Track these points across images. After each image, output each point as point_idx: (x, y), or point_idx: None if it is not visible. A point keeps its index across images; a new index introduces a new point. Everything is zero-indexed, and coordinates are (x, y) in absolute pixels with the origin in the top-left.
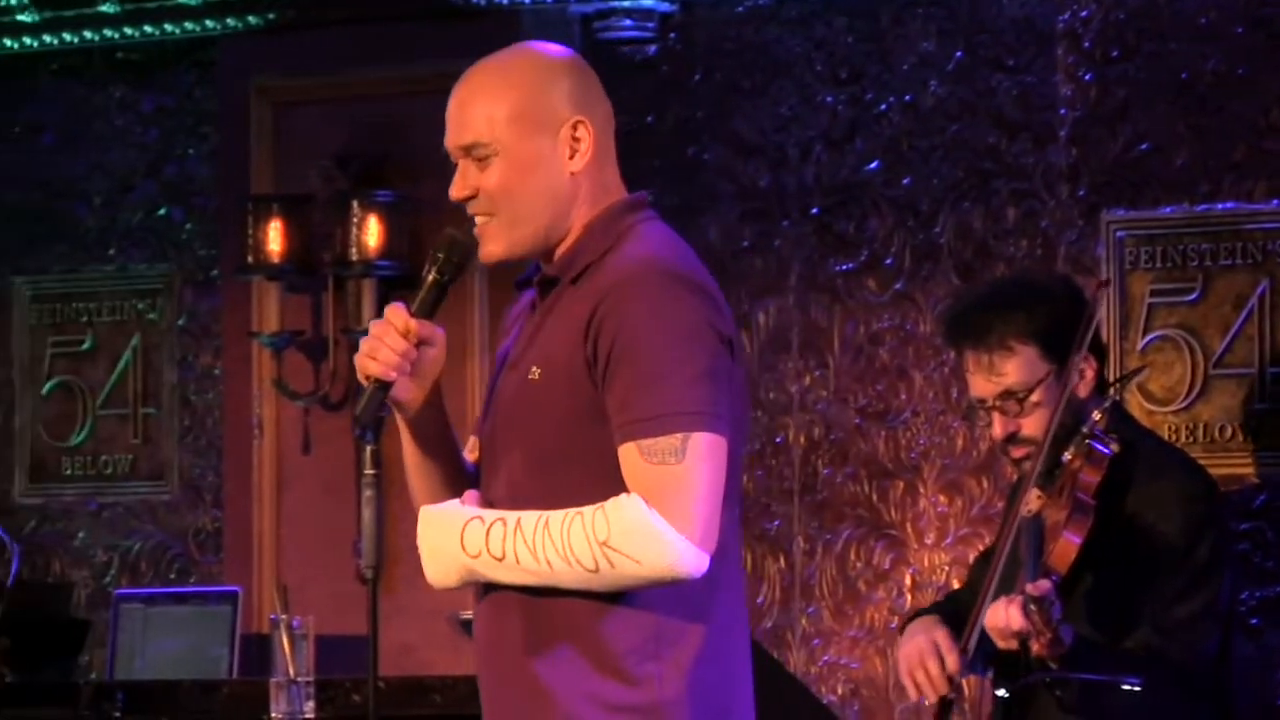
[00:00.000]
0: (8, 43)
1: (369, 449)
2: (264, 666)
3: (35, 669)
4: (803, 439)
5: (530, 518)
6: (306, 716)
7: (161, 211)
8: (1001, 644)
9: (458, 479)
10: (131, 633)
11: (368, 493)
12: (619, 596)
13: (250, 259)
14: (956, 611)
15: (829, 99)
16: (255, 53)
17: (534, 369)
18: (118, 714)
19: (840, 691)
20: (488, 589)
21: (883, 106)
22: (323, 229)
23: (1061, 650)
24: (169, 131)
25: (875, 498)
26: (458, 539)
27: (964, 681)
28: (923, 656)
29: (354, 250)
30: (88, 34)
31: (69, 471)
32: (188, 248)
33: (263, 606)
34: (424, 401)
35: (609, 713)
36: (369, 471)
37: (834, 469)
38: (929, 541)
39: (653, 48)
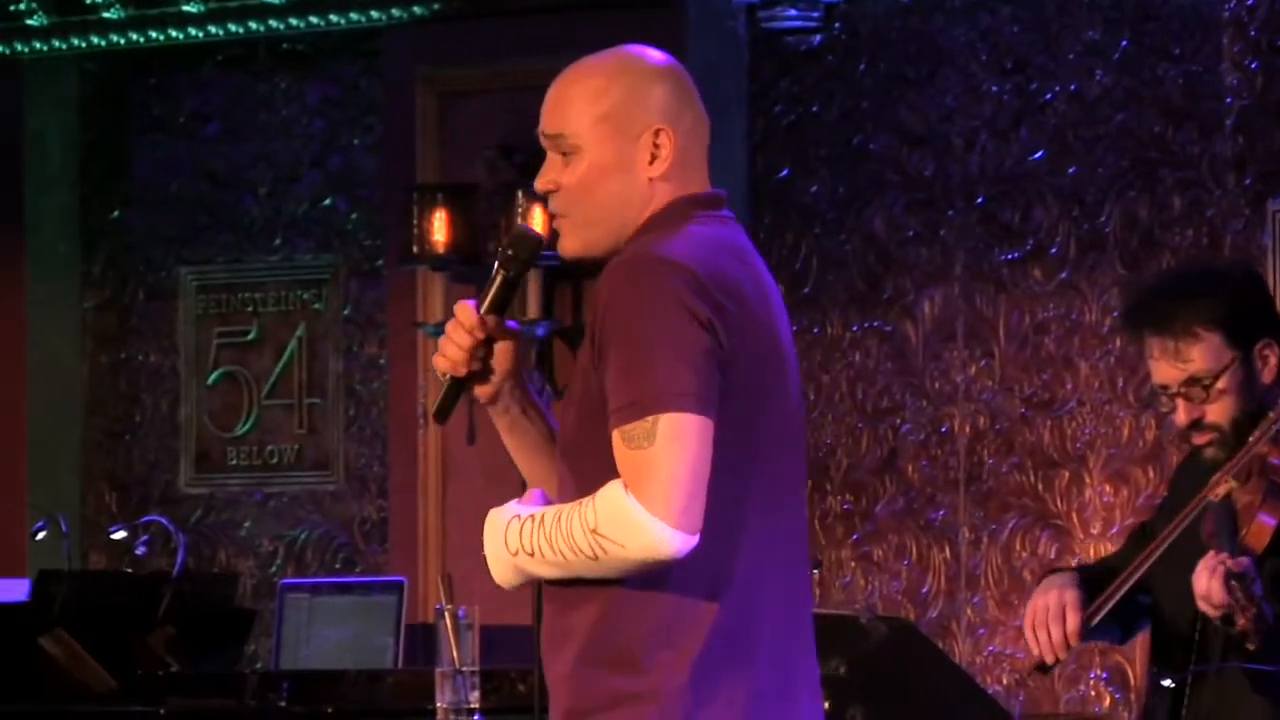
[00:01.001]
0: (174, 34)
1: None
2: (429, 656)
3: (201, 659)
4: (968, 429)
5: (550, 512)
6: (471, 706)
7: (327, 202)
8: (1211, 614)
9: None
10: (296, 622)
11: None
12: (631, 586)
13: (415, 249)
14: (1099, 577)
15: (994, 88)
16: (420, 43)
17: (579, 363)
18: (282, 703)
19: (1005, 681)
20: (545, 587)
21: (1048, 96)
22: (487, 219)
23: (1265, 626)
24: (334, 122)
25: (1040, 487)
26: (502, 538)
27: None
28: (1049, 615)
29: None
30: (253, 25)
31: (234, 461)
32: (353, 238)
33: (428, 596)
34: (504, 394)
35: (613, 701)
36: None
37: (999, 459)
38: (1094, 531)
39: (818, 37)
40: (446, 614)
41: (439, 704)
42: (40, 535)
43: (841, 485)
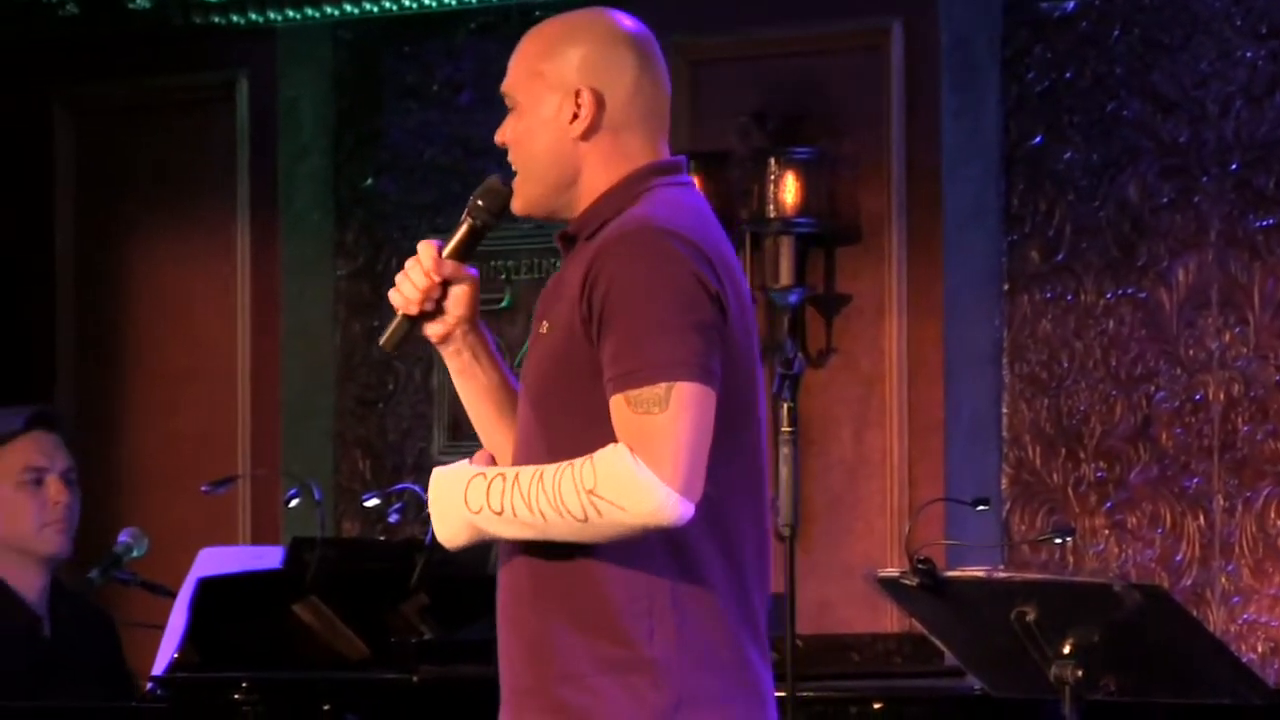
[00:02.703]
0: (428, 1)
1: (786, 407)
2: None
3: (454, 626)
4: (1222, 396)
5: (527, 471)
6: None
7: None
8: None
9: (510, 422)
10: None
11: (785, 450)
12: (615, 553)
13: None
14: None
15: (1249, 54)
16: (672, 10)
17: (544, 324)
18: None
19: (1260, 650)
20: (503, 547)
21: None
22: (740, 186)
23: None
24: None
25: None
26: (462, 496)
27: None
28: None
29: (771, 207)
30: None
31: None
32: None
33: None
34: (455, 338)
35: (604, 668)
36: (786, 429)
37: (1254, 426)
38: None
39: (1071, 4)
40: None
41: None
42: (294, 503)
43: (1095, 453)
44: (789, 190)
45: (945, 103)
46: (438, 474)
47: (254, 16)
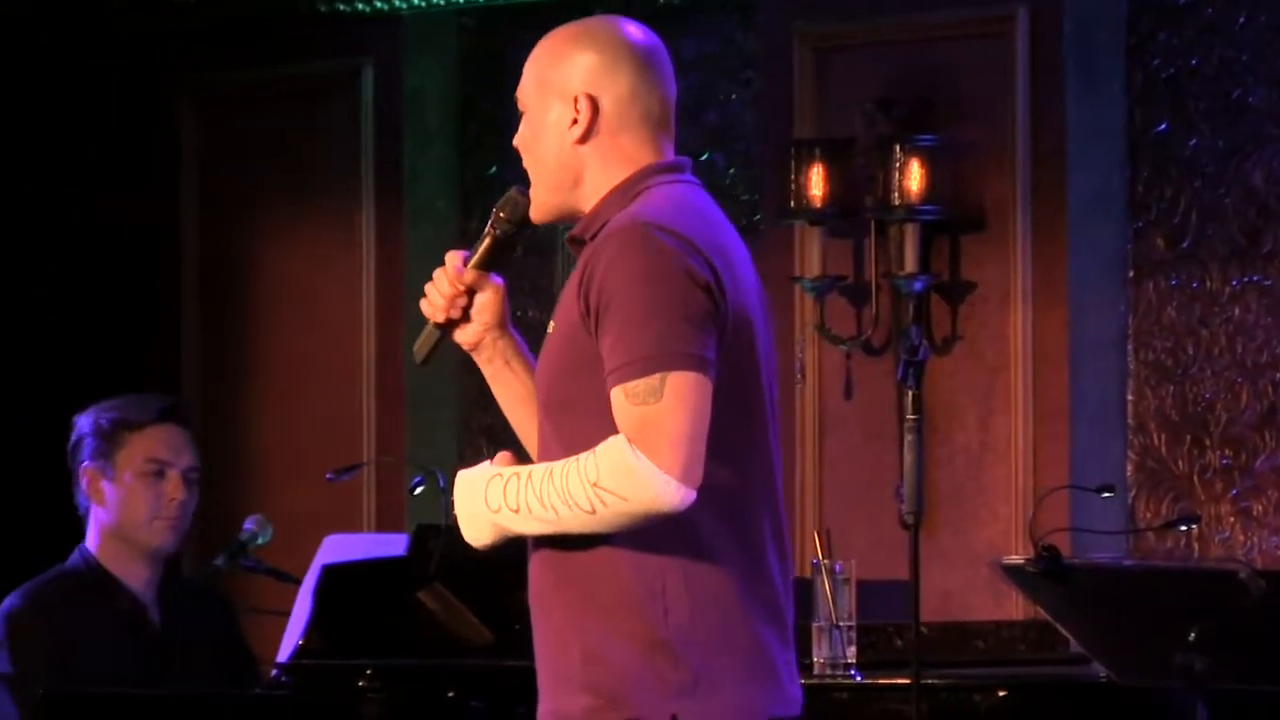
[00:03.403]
0: None
1: (910, 394)
2: (806, 610)
3: None
4: None
5: (539, 469)
6: (848, 661)
7: (704, 157)
8: None
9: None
10: None
11: (909, 437)
12: (628, 539)
13: (792, 204)
14: None
15: None
16: None
17: (552, 324)
18: None
19: None
20: (529, 543)
21: None
22: (865, 173)
23: None
24: (711, 77)
25: None
26: (482, 497)
27: None
28: None
29: (896, 194)
30: None
31: None
32: (730, 193)
33: (804, 551)
34: (486, 345)
35: (627, 649)
36: (910, 417)
37: None
38: None
39: None
40: (823, 569)
41: (815, 658)
42: (418, 490)
43: (1221, 440)
44: (914, 177)
45: (1070, 89)
46: (461, 476)
47: (379, 4)
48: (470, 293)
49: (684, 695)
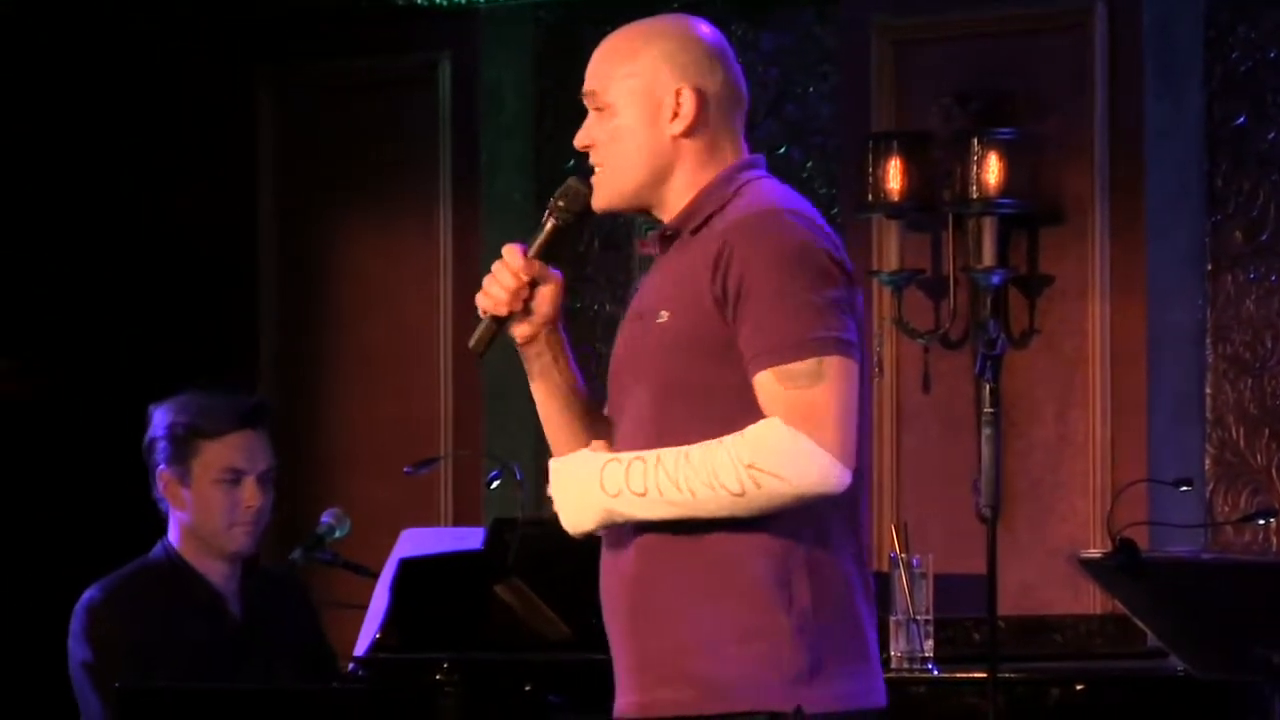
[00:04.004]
0: None
1: (988, 388)
2: (883, 604)
3: None
4: None
5: (669, 452)
6: (925, 655)
7: (781, 150)
8: None
9: (587, 422)
10: None
11: (987, 431)
12: (751, 526)
13: (870, 197)
14: None
15: None
16: None
17: (662, 313)
18: None
19: None
20: (618, 531)
21: None
22: (943, 166)
23: None
24: (789, 70)
25: None
26: (597, 482)
27: None
28: None
29: (974, 188)
30: None
31: None
32: (808, 186)
33: (882, 544)
34: (539, 339)
35: (741, 637)
36: (988, 410)
37: None
38: None
39: None
40: (900, 562)
41: (893, 652)
42: (495, 484)
43: None
44: (992, 171)
45: (1148, 83)
46: (560, 463)
47: None
48: (532, 285)
49: (803, 684)
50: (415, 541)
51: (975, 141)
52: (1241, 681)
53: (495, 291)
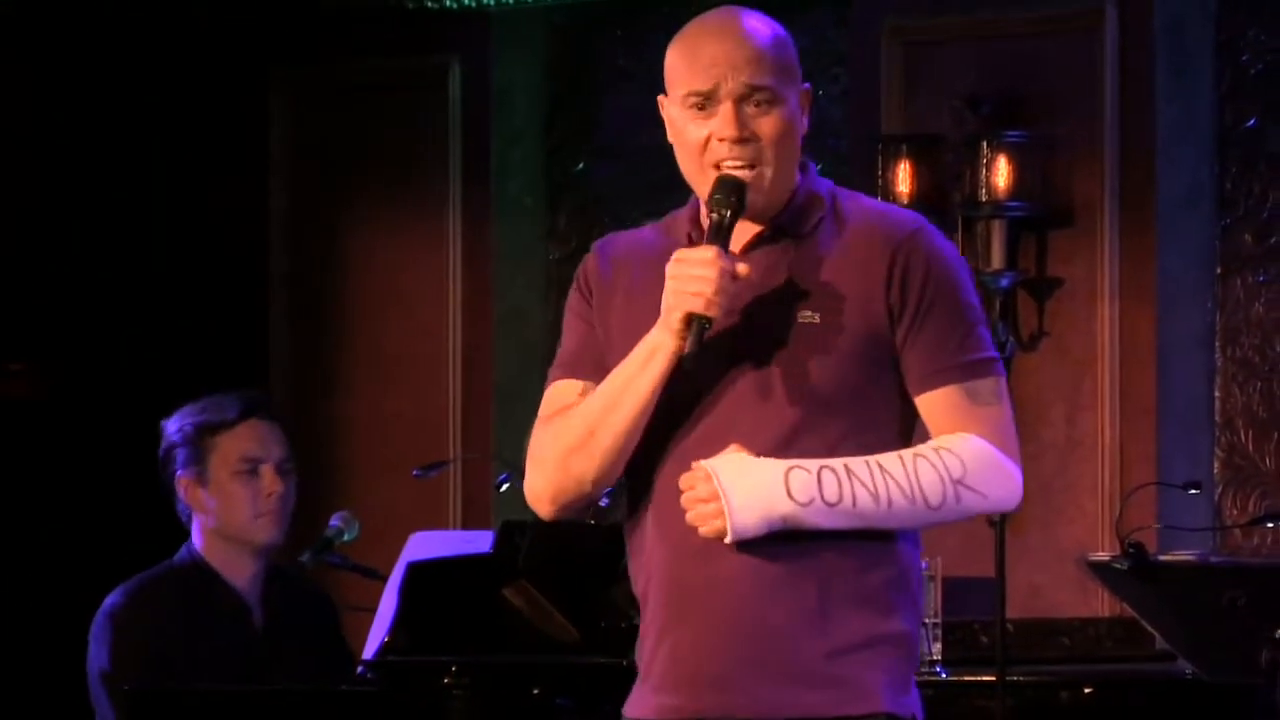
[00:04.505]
0: None
1: None
2: None
3: None
4: None
5: (857, 462)
6: (934, 658)
7: None
8: None
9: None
10: None
11: None
12: (904, 537)
13: (880, 199)
14: None
15: None
16: None
17: (808, 313)
18: None
19: None
20: (740, 542)
21: None
22: (953, 169)
23: None
24: (803, 73)
25: None
26: (782, 488)
27: None
28: None
29: (983, 191)
30: None
31: None
32: None
33: None
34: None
35: (872, 642)
36: None
37: None
38: None
39: None
40: None
41: None
42: (504, 487)
43: None
44: (1001, 173)
45: (1159, 86)
46: (731, 467)
47: (468, 1)
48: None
49: (910, 688)
50: (424, 544)
51: (985, 144)
52: (1250, 684)
53: (707, 292)
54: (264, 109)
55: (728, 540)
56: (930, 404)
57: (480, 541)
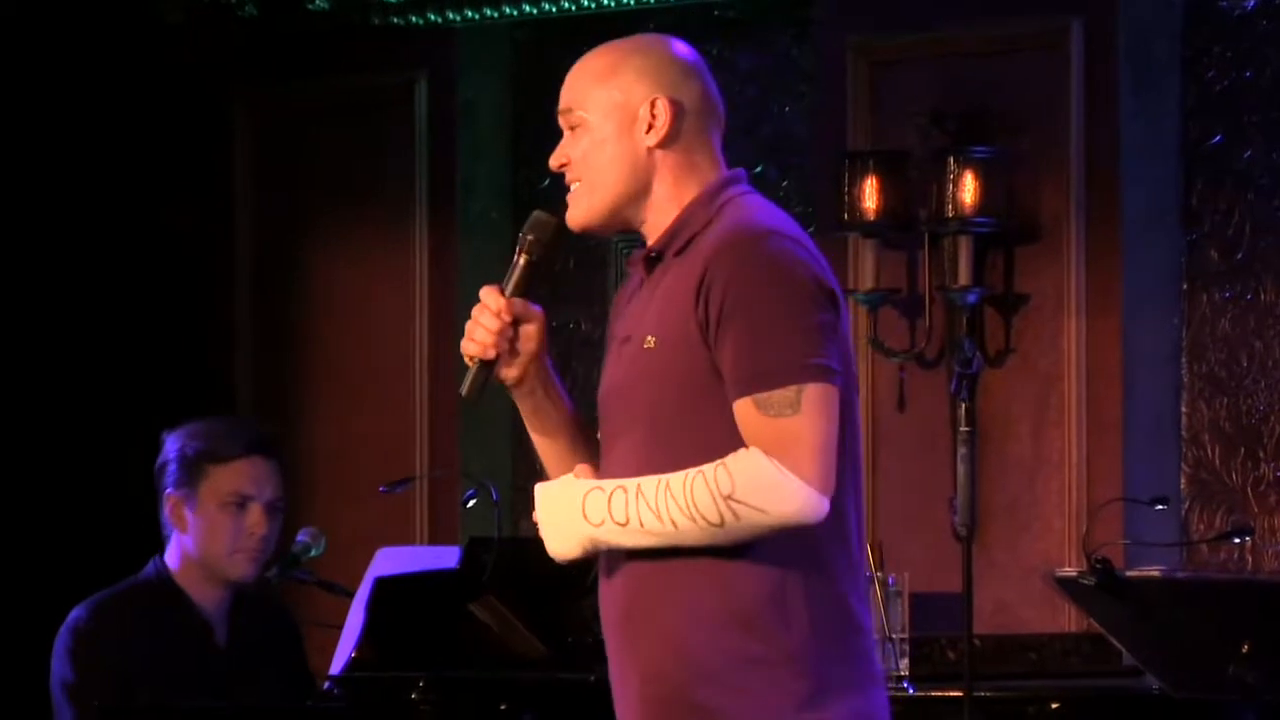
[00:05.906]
0: (606, 1)
1: (963, 406)
2: None
3: None
4: None
5: (650, 481)
6: (900, 673)
7: (758, 169)
8: None
9: (583, 450)
10: None
11: (963, 450)
12: (742, 551)
13: (845, 216)
14: None
15: None
16: (851, 10)
17: (649, 338)
18: None
19: None
20: (612, 557)
21: None
22: (919, 186)
23: None
24: (765, 89)
25: None
26: (579, 510)
27: None
28: None
29: (950, 207)
30: None
31: None
32: (783, 205)
33: None
34: (530, 376)
35: (742, 664)
36: (964, 429)
37: None
38: None
39: (1251, 3)
40: (875, 581)
41: None
42: (471, 503)
43: (1274, 452)
44: (968, 190)
45: (1124, 102)
46: (545, 489)
47: (433, 17)
48: (515, 324)
49: (807, 707)
50: (391, 560)
51: (951, 160)
52: (1216, 700)
53: (480, 335)
54: (229, 126)
55: (558, 560)
56: (737, 417)
57: (447, 557)
